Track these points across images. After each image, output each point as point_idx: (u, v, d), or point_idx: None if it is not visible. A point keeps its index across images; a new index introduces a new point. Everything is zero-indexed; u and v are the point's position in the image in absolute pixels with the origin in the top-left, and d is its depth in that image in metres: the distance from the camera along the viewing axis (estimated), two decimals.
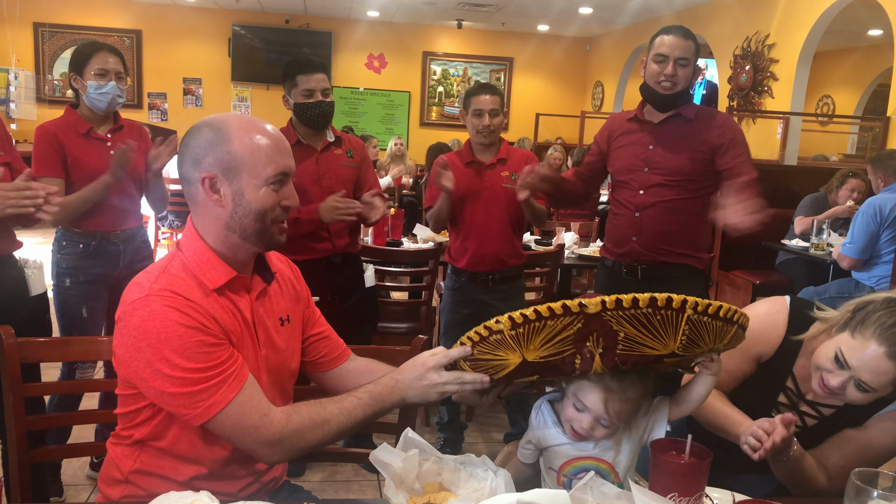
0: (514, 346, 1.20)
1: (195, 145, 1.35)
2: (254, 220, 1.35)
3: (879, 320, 1.42)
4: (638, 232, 2.67)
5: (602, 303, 1.11)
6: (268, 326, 1.45)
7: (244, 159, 1.33)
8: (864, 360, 1.41)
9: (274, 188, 1.36)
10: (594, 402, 1.31)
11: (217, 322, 1.32)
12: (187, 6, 10.29)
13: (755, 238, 5.49)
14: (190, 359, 1.26)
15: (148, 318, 1.27)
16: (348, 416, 1.35)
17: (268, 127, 1.39)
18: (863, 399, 1.46)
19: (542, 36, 11.21)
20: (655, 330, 1.14)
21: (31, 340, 1.62)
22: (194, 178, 1.35)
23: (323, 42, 10.70)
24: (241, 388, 1.30)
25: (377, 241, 4.04)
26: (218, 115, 1.40)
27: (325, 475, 3.06)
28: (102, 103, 2.66)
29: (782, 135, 6.81)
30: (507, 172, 3.00)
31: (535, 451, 1.45)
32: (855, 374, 1.43)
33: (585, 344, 1.17)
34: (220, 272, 1.36)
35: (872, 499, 1.15)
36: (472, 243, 3.03)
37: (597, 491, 1.17)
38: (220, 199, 1.34)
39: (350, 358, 1.64)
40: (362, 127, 10.70)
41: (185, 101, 10.67)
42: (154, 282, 1.31)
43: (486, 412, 3.83)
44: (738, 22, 7.56)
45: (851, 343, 1.44)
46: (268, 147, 1.35)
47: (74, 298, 2.70)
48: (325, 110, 2.80)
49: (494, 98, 2.94)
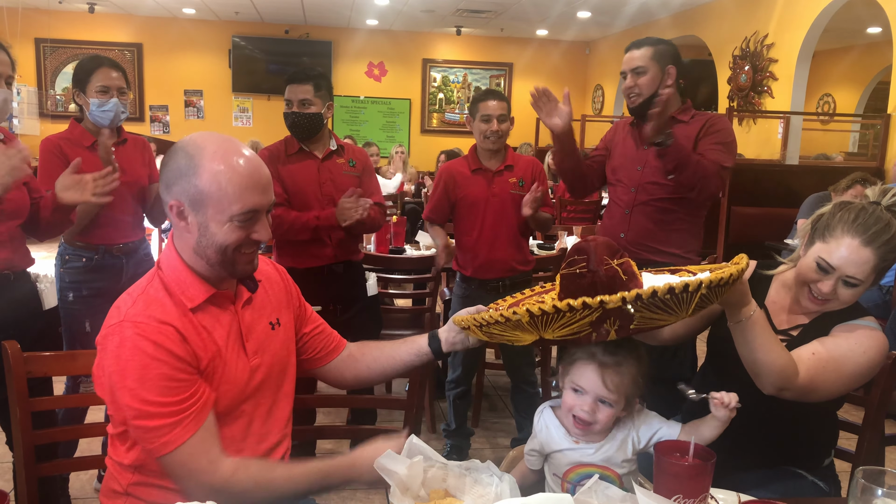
0: (532, 329, 1.23)
1: (168, 169, 1.33)
2: (216, 252, 1.33)
3: (842, 219, 1.55)
4: (626, 229, 2.69)
5: (622, 300, 1.13)
6: (258, 333, 1.45)
7: (210, 194, 1.30)
8: (845, 256, 1.53)
9: (240, 224, 1.32)
10: (591, 380, 1.33)
11: (191, 348, 1.31)
12: (187, 19, 10.34)
13: (758, 238, 5.50)
14: (151, 391, 1.26)
15: (119, 346, 1.27)
16: (294, 485, 1.35)
17: (242, 161, 1.32)
18: (853, 295, 1.57)
19: (541, 41, 11.24)
20: (670, 309, 1.18)
21: (37, 355, 1.62)
22: (166, 201, 1.35)
23: (323, 51, 10.74)
24: (196, 430, 1.29)
25: (380, 249, 4.04)
26: (198, 137, 1.35)
27: None
28: (105, 120, 2.66)
29: (783, 134, 6.81)
30: (515, 179, 3.01)
31: (539, 457, 1.45)
32: (841, 273, 1.54)
33: (602, 325, 1.20)
34: (199, 290, 1.36)
35: (877, 497, 1.15)
36: (482, 251, 3.03)
37: (601, 494, 1.17)
38: (186, 226, 1.33)
39: (346, 347, 1.67)
40: (364, 135, 10.72)
41: (186, 113, 10.72)
42: (132, 305, 1.31)
43: (492, 417, 3.83)
44: (736, 22, 7.57)
45: (827, 248, 1.55)
46: (238, 184, 1.30)
47: (77, 312, 2.71)
48: (297, 121, 2.79)
49: (502, 104, 2.95)
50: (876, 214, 1.54)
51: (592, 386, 1.34)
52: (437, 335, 1.59)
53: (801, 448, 1.71)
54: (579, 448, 1.38)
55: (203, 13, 10.01)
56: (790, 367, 1.48)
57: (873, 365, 1.57)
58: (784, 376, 1.47)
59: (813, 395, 1.53)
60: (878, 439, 1.89)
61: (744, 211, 5.96)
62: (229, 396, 1.39)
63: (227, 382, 1.38)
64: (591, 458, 1.38)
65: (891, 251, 1.53)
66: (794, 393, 1.50)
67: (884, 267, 1.55)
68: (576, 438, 1.39)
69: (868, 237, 1.51)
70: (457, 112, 11.45)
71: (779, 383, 1.48)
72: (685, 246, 2.68)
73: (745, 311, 1.43)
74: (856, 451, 1.87)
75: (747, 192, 5.90)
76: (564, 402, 1.38)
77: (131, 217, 2.79)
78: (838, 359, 1.54)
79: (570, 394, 1.37)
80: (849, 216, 1.55)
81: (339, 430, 2.86)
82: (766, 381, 1.49)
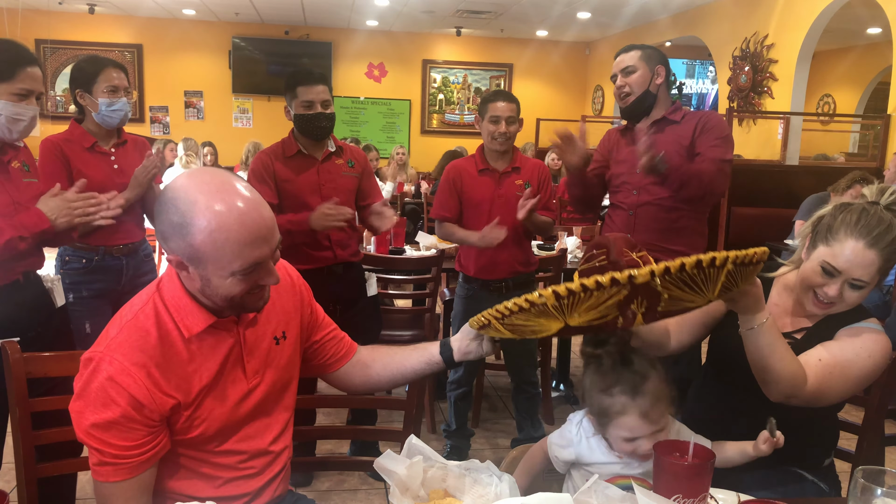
0: (557, 315, 1.20)
1: (161, 222, 1.25)
2: (222, 300, 1.28)
3: (844, 221, 1.54)
4: (631, 230, 2.70)
5: (651, 273, 1.11)
6: (260, 352, 1.41)
7: (207, 254, 1.22)
8: (850, 259, 1.51)
9: (243, 277, 1.25)
10: (638, 427, 1.36)
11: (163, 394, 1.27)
12: (187, 20, 10.35)
13: (758, 238, 5.49)
14: (99, 428, 1.24)
15: (89, 376, 1.25)
16: None
17: (237, 215, 1.21)
18: (858, 297, 1.56)
19: (541, 41, 11.24)
20: (697, 287, 1.17)
21: (37, 355, 1.62)
22: (165, 250, 1.29)
23: (323, 52, 10.75)
24: (127, 478, 1.27)
25: (380, 250, 4.04)
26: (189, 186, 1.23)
27: (332, 484, 3.06)
28: (115, 119, 2.67)
29: (783, 135, 6.81)
30: (521, 181, 3.01)
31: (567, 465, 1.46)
32: (847, 276, 1.53)
33: (629, 307, 1.18)
34: (199, 319, 1.31)
35: (877, 497, 1.15)
36: (486, 251, 3.02)
37: (601, 494, 1.17)
38: (188, 276, 1.28)
39: (356, 352, 1.64)
40: (364, 136, 10.73)
41: (186, 114, 10.72)
42: (117, 333, 1.28)
43: (492, 418, 3.83)
44: (735, 23, 7.57)
45: (830, 251, 1.54)
46: (235, 241, 1.21)
47: (78, 314, 2.70)
48: (325, 123, 2.80)
49: (511, 105, 2.94)
50: (878, 215, 1.53)
51: (642, 430, 1.36)
52: (449, 343, 1.55)
53: (802, 448, 1.71)
54: (623, 462, 1.39)
55: (203, 14, 10.01)
56: (800, 375, 1.47)
57: (878, 369, 1.56)
58: (794, 384, 1.46)
59: (820, 402, 1.52)
60: (878, 439, 1.89)
61: (744, 211, 5.96)
62: (222, 419, 1.36)
63: (220, 406, 1.35)
64: (634, 470, 1.39)
65: (895, 252, 1.52)
66: (801, 400, 1.49)
67: (888, 268, 1.55)
68: (619, 453, 1.41)
69: (872, 239, 1.51)
70: (457, 113, 11.45)
71: (788, 391, 1.47)
72: (691, 244, 2.69)
73: (759, 316, 1.42)
74: (856, 451, 1.87)
75: (747, 192, 5.91)
76: (620, 448, 1.40)
77: (131, 217, 2.79)
78: (844, 364, 1.53)
79: (622, 444, 1.39)
80: (851, 218, 1.53)
81: (339, 430, 2.86)
82: (776, 388, 1.47)
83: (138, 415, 1.25)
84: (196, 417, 1.33)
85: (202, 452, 1.37)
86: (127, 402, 1.24)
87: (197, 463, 1.38)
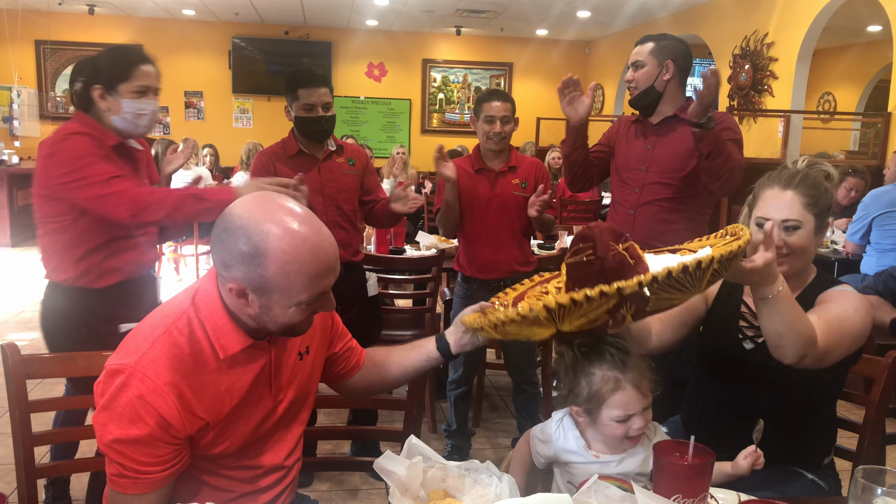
0: (549, 324, 1.22)
1: (226, 249, 1.21)
2: (277, 328, 1.27)
3: (761, 183, 1.74)
4: (630, 229, 2.68)
5: (639, 283, 1.12)
6: (287, 369, 1.41)
7: (277, 284, 1.20)
8: (771, 204, 1.67)
9: (306, 308, 1.26)
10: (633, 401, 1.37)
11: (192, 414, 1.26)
12: (187, 20, 10.35)
13: None
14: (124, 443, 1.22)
15: (117, 391, 1.22)
16: None
17: (310, 247, 1.21)
18: (800, 238, 1.64)
19: (541, 40, 11.24)
20: (685, 287, 1.19)
21: (36, 356, 1.63)
22: (221, 276, 1.26)
23: (323, 52, 10.74)
24: (146, 492, 1.26)
25: (380, 249, 4.04)
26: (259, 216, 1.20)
27: (333, 484, 3.06)
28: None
29: (784, 133, 6.81)
30: (518, 180, 3.00)
31: (546, 461, 1.46)
32: (776, 220, 1.64)
33: (619, 311, 1.19)
34: (235, 340, 1.28)
35: (877, 496, 1.15)
36: (484, 251, 3.02)
37: (601, 495, 1.17)
38: (246, 303, 1.24)
39: (366, 356, 1.65)
40: (364, 136, 10.73)
41: (186, 115, 10.72)
42: (149, 349, 1.24)
43: (493, 418, 3.83)
44: (735, 21, 7.57)
45: (757, 208, 1.71)
46: (307, 274, 1.21)
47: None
48: (326, 126, 2.80)
49: (506, 105, 2.93)
50: (792, 169, 1.71)
51: (636, 404, 1.37)
52: (445, 337, 1.56)
53: (801, 447, 1.71)
54: (600, 461, 1.39)
55: (203, 14, 10.01)
56: (813, 335, 1.49)
57: (867, 320, 1.62)
58: (808, 343, 1.48)
59: (827, 359, 1.54)
60: (878, 438, 1.89)
61: None
62: (245, 437, 1.36)
63: (246, 425, 1.36)
64: (611, 470, 1.38)
65: (812, 187, 1.65)
66: (812, 359, 1.50)
67: (818, 206, 1.65)
68: (596, 453, 1.40)
69: (785, 181, 1.67)
70: (457, 112, 11.45)
71: (802, 351, 1.48)
72: None
73: (775, 286, 1.42)
74: (856, 450, 1.87)
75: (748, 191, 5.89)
76: (611, 434, 1.40)
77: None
78: (840, 320, 1.58)
79: (615, 426, 1.39)
80: (765, 180, 1.72)
81: (340, 430, 2.86)
82: (790, 350, 1.48)
83: (165, 434, 1.24)
84: (221, 436, 1.33)
85: (220, 467, 1.38)
86: (156, 422, 1.22)
87: (213, 477, 1.38)
